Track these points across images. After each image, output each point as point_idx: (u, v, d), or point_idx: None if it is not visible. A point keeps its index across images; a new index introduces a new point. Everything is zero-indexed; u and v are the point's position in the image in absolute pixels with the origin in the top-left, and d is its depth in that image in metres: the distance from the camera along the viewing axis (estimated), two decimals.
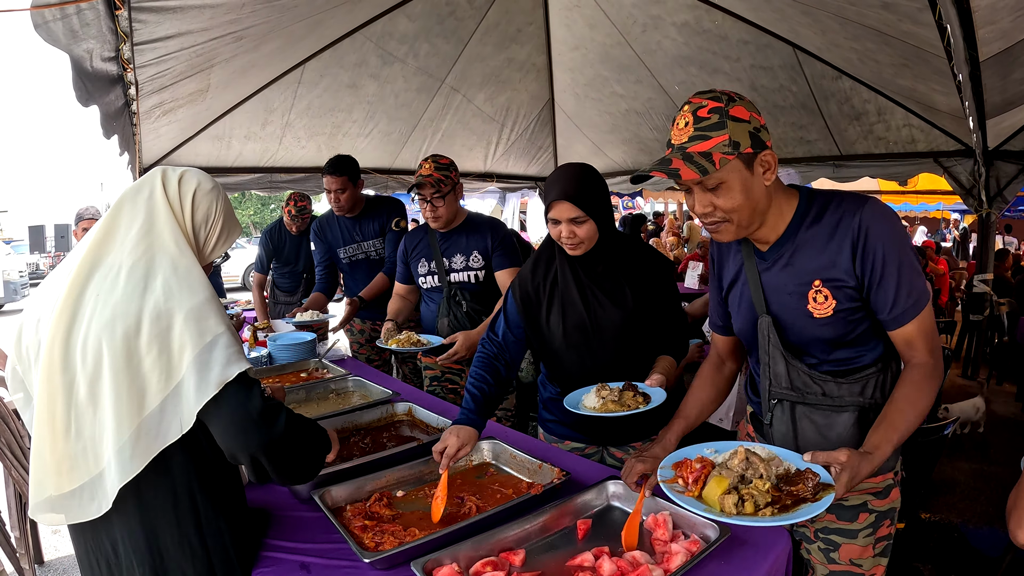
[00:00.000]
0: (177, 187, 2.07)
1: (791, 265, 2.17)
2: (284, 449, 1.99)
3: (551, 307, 3.00)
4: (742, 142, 1.95)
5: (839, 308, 2.12)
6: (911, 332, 2.08)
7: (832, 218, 2.10)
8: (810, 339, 2.22)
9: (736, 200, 2.02)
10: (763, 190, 2.05)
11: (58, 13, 2.60)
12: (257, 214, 49.41)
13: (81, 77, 3.18)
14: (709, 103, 1.98)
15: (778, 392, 2.35)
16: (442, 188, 4.05)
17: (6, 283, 19.85)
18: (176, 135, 6.01)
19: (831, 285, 2.11)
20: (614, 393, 2.67)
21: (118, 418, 1.83)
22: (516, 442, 2.96)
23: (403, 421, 3.35)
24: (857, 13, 3.92)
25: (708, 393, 2.64)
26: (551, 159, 8.99)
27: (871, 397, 2.22)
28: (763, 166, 2.03)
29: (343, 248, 5.55)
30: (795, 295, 2.18)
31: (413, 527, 2.28)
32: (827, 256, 2.10)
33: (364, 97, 6.59)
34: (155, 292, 1.87)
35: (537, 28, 6.60)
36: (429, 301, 4.45)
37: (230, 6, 3.60)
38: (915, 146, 6.17)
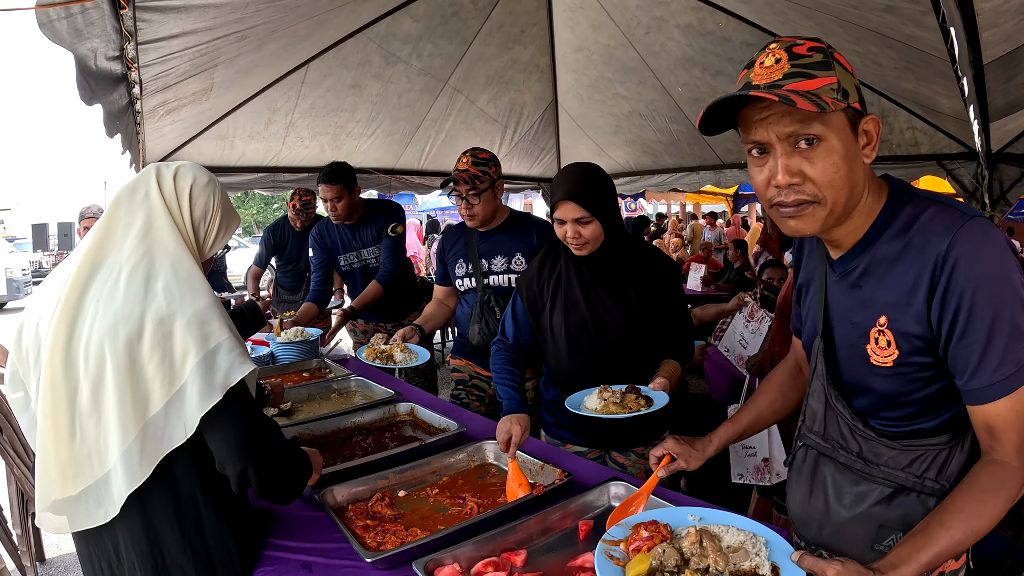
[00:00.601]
0: (173, 184, 2.05)
1: (859, 288, 1.69)
2: (273, 468, 1.98)
3: (554, 307, 3.00)
4: (851, 92, 1.51)
5: (902, 361, 1.62)
6: (996, 415, 1.52)
7: (918, 236, 1.55)
8: (863, 386, 1.75)
9: (837, 168, 1.51)
10: (862, 169, 1.58)
11: (62, 12, 2.61)
12: (260, 213, 49.45)
13: (85, 76, 3.18)
14: (807, 42, 1.53)
15: (807, 435, 1.95)
16: (478, 184, 3.81)
17: (9, 281, 19.88)
18: (179, 134, 6.02)
19: (896, 329, 1.60)
20: (616, 395, 2.65)
21: (123, 422, 1.83)
22: None
23: (405, 421, 3.35)
24: (860, 16, 3.92)
25: (771, 399, 2.27)
26: (554, 160, 9.00)
27: (919, 476, 1.69)
28: (865, 137, 1.56)
29: (343, 255, 5.47)
30: (858, 327, 1.70)
31: (415, 527, 2.28)
32: (900, 288, 1.59)
33: (367, 97, 6.59)
34: (157, 297, 1.87)
35: (541, 29, 6.60)
36: (464, 304, 4.22)
37: (234, 5, 3.61)
38: (918, 149, 6.17)
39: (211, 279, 7.49)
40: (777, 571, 1.62)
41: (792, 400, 2.26)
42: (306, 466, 2.23)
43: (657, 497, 2.28)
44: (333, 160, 7.21)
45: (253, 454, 1.91)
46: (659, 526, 1.79)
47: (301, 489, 2.19)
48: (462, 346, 4.23)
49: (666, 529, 1.79)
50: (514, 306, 3.18)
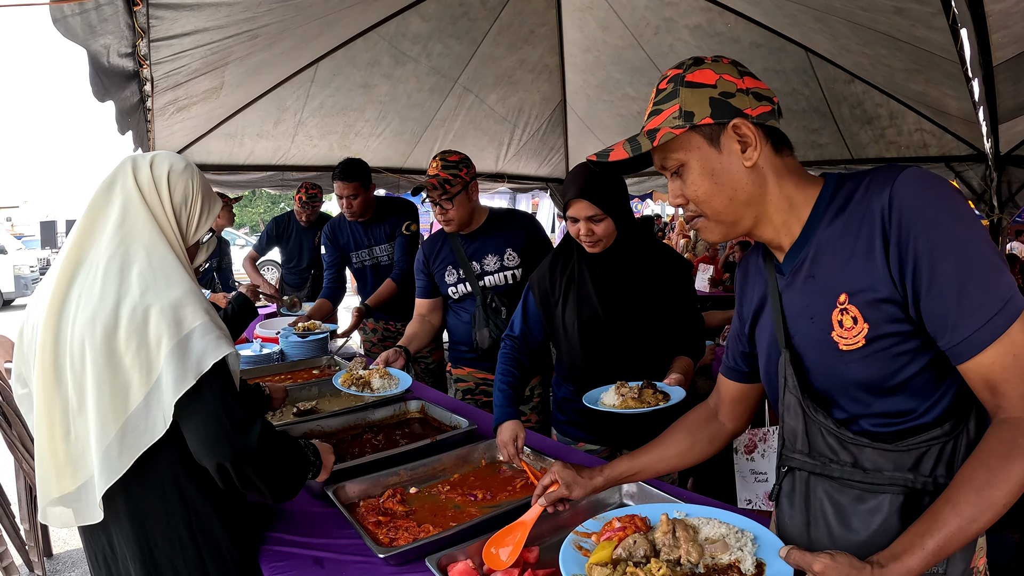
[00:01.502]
0: (150, 173, 2.05)
1: (813, 278, 1.58)
2: (253, 463, 1.94)
3: (567, 303, 3.02)
4: (697, 111, 1.54)
5: (874, 334, 1.47)
6: (991, 365, 1.36)
7: (860, 205, 1.49)
8: (839, 383, 1.59)
9: (700, 187, 1.59)
10: (742, 173, 1.56)
11: (76, 8, 2.62)
12: (267, 212, 49.46)
13: (98, 72, 3.19)
14: (671, 72, 1.62)
15: (790, 456, 1.74)
16: (448, 188, 3.69)
17: (17, 278, 19.97)
18: (189, 132, 6.02)
19: (861, 300, 1.48)
20: (633, 391, 2.68)
21: (102, 418, 1.84)
22: (530, 441, 2.97)
23: (416, 419, 3.36)
24: (869, 18, 3.91)
25: (677, 440, 2.10)
26: (562, 160, 8.98)
27: (929, 474, 1.50)
28: (738, 141, 1.55)
29: (355, 253, 5.45)
30: (818, 320, 1.58)
31: (427, 523, 2.30)
32: (854, 259, 1.48)
33: (376, 97, 6.59)
34: (131, 285, 1.88)
35: (550, 29, 6.59)
36: (460, 311, 4.06)
37: (247, 4, 3.62)
38: (927, 151, 6.15)
39: (220, 277, 7.50)
40: (762, 567, 1.58)
41: (699, 447, 2.08)
42: (300, 461, 2.19)
43: (653, 488, 2.33)
44: (337, 159, 7.26)
45: (228, 448, 1.88)
46: (635, 518, 1.80)
47: (294, 486, 2.15)
48: (462, 354, 4.15)
49: (642, 521, 1.79)
50: (525, 302, 3.19)
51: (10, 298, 20.11)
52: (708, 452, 2.09)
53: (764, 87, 1.60)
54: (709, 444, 2.08)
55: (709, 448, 2.08)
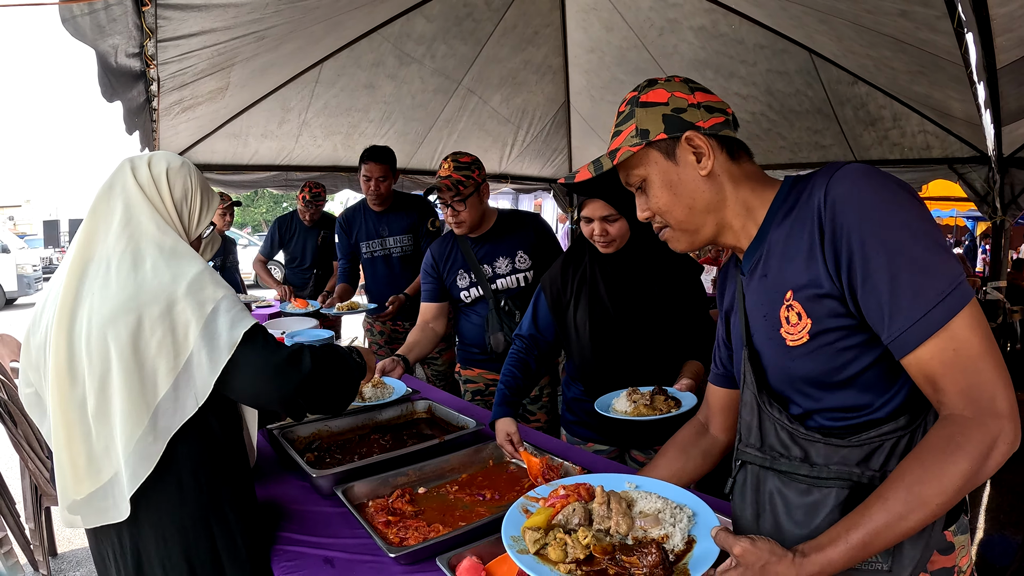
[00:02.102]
0: (148, 172, 2.08)
1: (765, 276, 1.61)
2: (316, 385, 2.04)
3: (578, 304, 3.03)
4: (652, 128, 1.62)
5: (817, 329, 1.49)
6: (930, 360, 1.34)
7: (806, 204, 1.51)
8: (789, 378, 1.61)
9: (661, 198, 1.66)
10: (698, 182, 1.62)
11: (86, 8, 2.63)
12: (270, 211, 49.46)
13: (106, 72, 3.21)
14: (629, 95, 1.72)
15: (744, 451, 1.74)
16: (462, 190, 3.62)
17: (20, 277, 19.97)
18: (194, 132, 6.05)
19: (803, 296, 1.50)
20: (645, 397, 2.68)
21: (133, 410, 1.86)
22: (537, 441, 3.00)
23: (423, 419, 3.37)
24: (874, 21, 3.93)
25: (670, 460, 2.08)
26: (566, 161, 9.00)
27: (878, 469, 1.47)
28: (692, 152, 1.61)
29: (366, 243, 5.39)
30: (770, 317, 1.61)
31: (436, 523, 2.30)
32: (797, 256, 1.51)
33: (381, 97, 6.62)
34: (147, 276, 1.91)
35: (554, 30, 6.62)
36: (471, 315, 4.01)
37: (254, 5, 3.63)
38: (930, 152, 6.17)
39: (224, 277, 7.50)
40: (692, 543, 1.60)
41: (693, 464, 2.06)
42: (350, 368, 2.27)
43: None
44: (341, 160, 7.26)
45: (289, 381, 1.97)
46: (580, 487, 1.81)
47: (351, 393, 2.26)
48: (472, 355, 4.11)
49: (587, 491, 1.80)
50: (536, 304, 3.19)
51: (13, 297, 20.10)
52: (703, 468, 2.07)
53: (716, 100, 1.67)
54: (704, 460, 2.07)
55: (704, 464, 2.07)
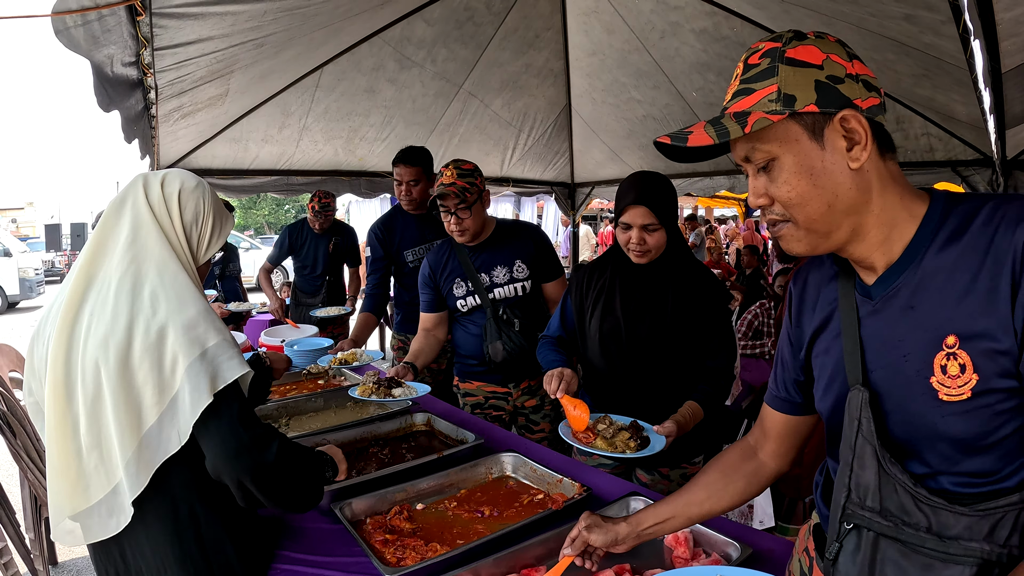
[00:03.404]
0: (160, 192, 2.05)
1: (913, 309, 1.35)
2: (273, 477, 1.94)
3: (593, 312, 3.02)
4: (800, 96, 1.31)
5: (983, 388, 1.26)
6: None
7: (982, 235, 1.27)
8: (929, 435, 1.36)
9: (795, 187, 1.35)
10: (846, 176, 1.33)
11: (79, 19, 2.61)
12: (272, 214, 49.59)
13: (102, 82, 3.18)
14: (766, 45, 1.38)
15: (858, 513, 1.46)
16: (467, 197, 3.58)
17: (22, 280, 20.00)
18: (194, 137, 6.03)
19: (975, 348, 1.26)
20: (611, 429, 2.60)
21: (121, 435, 1.84)
22: (538, 456, 2.96)
23: (422, 431, 3.34)
24: (878, 25, 3.90)
25: (709, 481, 1.89)
26: (567, 164, 9.00)
27: (1003, 544, 1.30)
28: (845, 136, 1.32)
29: (410, 251, 5.01)
30: (914, 359, 1.34)
31: (434, 542, 2.27)
32: (970, 298, 1.27)
33: (381, 102, 6.60)
34: (143, 305, 1.88)
35: (555, 33, 6.60)
36: (468, 325, 3.94)
37: (251, 13, 3.60)
38: (933, 155, 6.14)
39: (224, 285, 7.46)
40: None
41: (735, 488, 1.86)
42: (317, 470, 2.22)
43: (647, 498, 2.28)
44: (342, 164, 7.22)
45: (247, 464, 1.89)
46: None
47: (315, 495, 2.17)
48: (470, 367, 4.03)
49: None
50: (564, 305, 3.20)
51: (15, 300, 20.16)
52: (746, 494, 1.86)
53: (872, 76, 1.37)
54: (747, 485, 1.85)
55: (747, 489, 1.85)
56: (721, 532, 2.17)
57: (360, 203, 15.81)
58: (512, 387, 3.92)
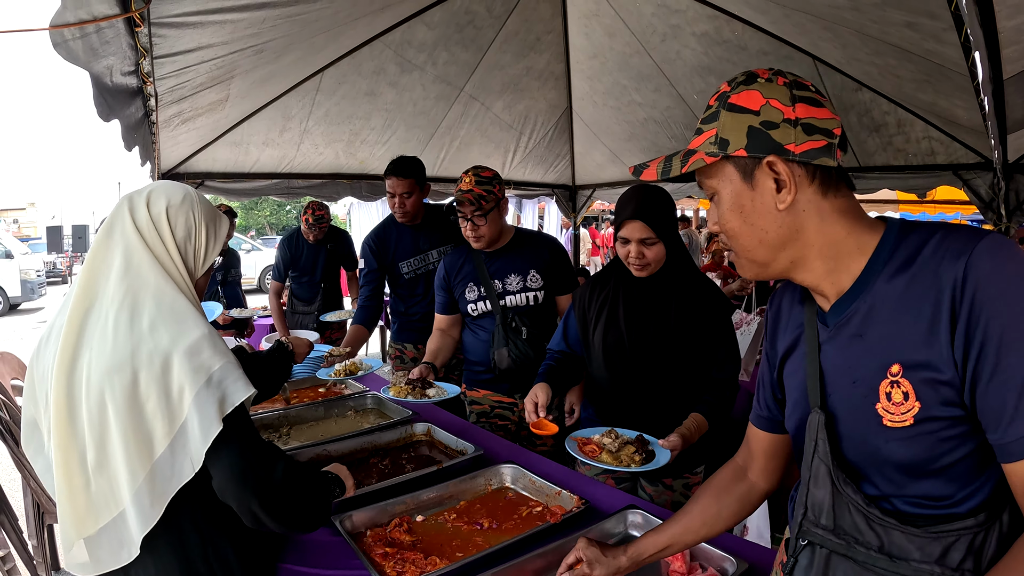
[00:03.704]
0: (147, 213, 2.01)
1: (861, 337, 1.40)
2: (280, 499, 1.94)
3: (598, 324, 3.02)
4: (732, 140, 1.41)
5: (924, 415, 1.30)
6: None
7: (928, 266, 1.31)
8: (875, 459, 1.41)
9: (728, 220, 1.47)
10: (775, 215, 1.41)
11: (77, 32, 2.59)
12: (273, 215, 49.60)
13: (102, 92, 3.17)
14: (722, 87, 1.50)
15: (812, 530, 1.54)
16: (483, 205, 3.63)
17: (24, 282, 20.03)
18: (195, 141, 6.02)
19: (917, 377, 1.30)
20: (617, 443, 2.62)
21: (130, 466, 1.83)
22: (537, 467, 2.96)
23: (422, 441, 3.35)
24: (880, 31, 3.89)
25: (704, 506, 1.91)
26: (568, 167, 8.99)
27: (956, 567, 1.32)
28: (775, 179, 1.39)
29: (405, 262, 4.95)
30: (862, 385, 1.39)
31: (433, 555, 2.29)
32: (915, 327, 1.31)
33: (382, 105, 6.58)
34: (144, 335, 1.86)
35: (556, 37, 6.58)
36: (478, 330, 3.99)
37: (251, 21, 3.60)
38: (934, 158, 6.11)
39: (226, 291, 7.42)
40: None
41: (728, 511, 1.88)
42: (323, 490, 2.20)
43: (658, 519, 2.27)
44: (343, 167, 7.20)
45: (254, 486, 1.89)
46: None
47: (323, 515, 2.16)
48: (477, 374, 4.06)
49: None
50: (567, 319, 3.21)
51: (16, 302, 20.20)
52: (740, 515, 1.89)
53: (823, 116, 1.39)
54: (740, 507, 1.88)
55: (741, 511, 1.88)
56: (718, 547, 2.18)
57: (361, 205, 15.81)
58: (518, 397, 3.93)
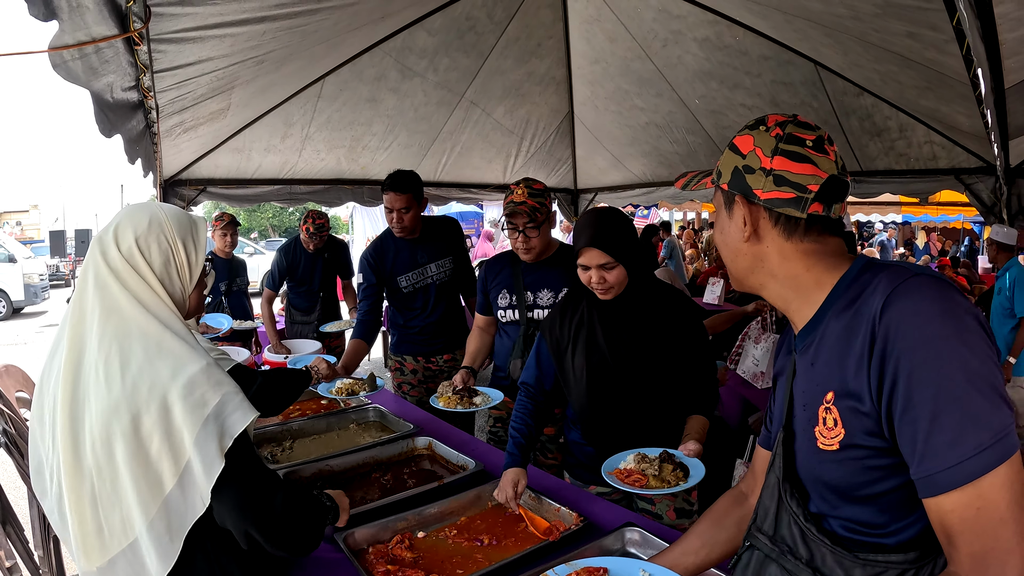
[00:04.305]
0: (117, 252, 1.97)
1: (813, 366, 1.49)
2: (278, 527, 1.95)
3: (575, 349, 2.97)
4: (723, 174, 1.56)
5: (848, 442, 1.37)
6: (950, 512, 1.23)
7: (866, 303, 1.37)
8: (813, 477, 1.51)
9: (716, 236, 1.68)
10: (741, 243, 1.55)
11: (76, 53, 2.59)
12: (276, 217, 49.61)
13: (103, 109, 3.17)
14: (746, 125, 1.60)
15: (754, 534, 1.66)
16: (537, 217, 3.60)
17: (27, 286, 20.06)
18: (197, 148, 6.04)
19: (843, 404, 1.38)
20: (653, 465, 2.56)
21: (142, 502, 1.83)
22: (538, 482, 2.96)
23: (423, 455, 3.35)
24: (881, 39, 3.90)
25: (704, 535, 1.93)
26: (570, 171, 9.01)
27: None
28: (742, 215, 1.53)
29: (405, 275, 4.83)
30: (809, 409, 1.49)
31: (434, 572, 2.30)
32: (846, 360, 1.38)
33: (383, 111, 6.60)
34: (136, 379, 1.84)
35: (557, 42, 6.59)
36: (504, 336, 4.05)
37: (251, 34, 3.60)
38: (936, 163, 6.12)
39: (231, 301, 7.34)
40: None
41: (727, 535, 1.90)
42: (319, 517, 2.20)
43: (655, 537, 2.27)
44: (345, 173, 7.19)
45: (253, 517, 1.89)
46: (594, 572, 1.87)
47: (316, 540, 2.16)
48: (499, 379, 4.06)
49: None
50: (539, 349, 3.15)
51: (20, 306, 20.23)
52: (739, 539, 1.83)
53: (801, 171, 1.46)
54: (738, 530, 1.85)
55: (739, 535, 1.83)
56: None
57: (364, 210, 15.85)
58: None
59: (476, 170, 8.29)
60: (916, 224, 23.42)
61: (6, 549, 3.94)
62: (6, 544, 3.94)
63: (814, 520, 1.50)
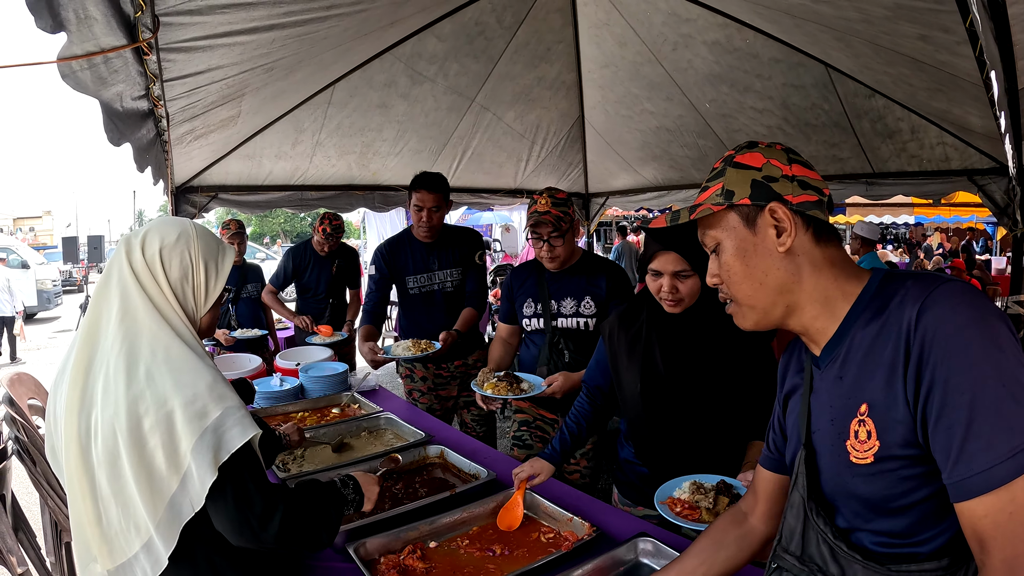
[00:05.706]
0: (142, 256, 2.00)
1: (841, 379, 1.49)
2: (277, 545, 1.95)
3: (631, 359, 2.89)
4: (737, 191, 1.53)
5: (884, 454, 1.37)
6: (983, 517, 1.23)
7: (895, 313, 1.38)
8: (844, 492, 1.50)
9: (732, 267, 1.56)
10: (774, 258, 1.51)
11: (85, 64, 2.58)
12: (287, 222, 49.78)
13: (112, 118, 3.16)
14: (726, 153, 1.62)
15: (781, 555, 1.66)
16: (561, 226, 3.65)
17: (40, 292, 20.17)
18: (208, 156, 6.05)
19: (878, 415, 1.38)
20: (708, 497, 2.48)
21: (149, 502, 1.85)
22: (551, 492, 2.94)
23: (435, 464, 3.34)
24: (892, 42, 3.87)
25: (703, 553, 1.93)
26: (581, 175, 8.99)
27: None
28: (775, 225, 1.51)
29: (412, 277, 4.90)
30: (837, 423, 1.49)
31: None
32: (880, 371, 1.38)
33: (394, 116, 6.60)
34: (141, 386, 1.86)
35: (567, 46, 6.57)
36: (530, 344, 4.07)
37: (260, 42, 3.60)
38: (949, 164, 6.08)
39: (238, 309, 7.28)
40: None
41: (727, 553, 1.90)
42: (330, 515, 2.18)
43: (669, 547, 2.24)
44: (356, 178, 7.18)
45: (250, 537, 1.91)
46: None
47: (329, 539, 2.16)
48: None
49: None
50: (599, 352, 3.15)
51: (32, 312, 20.31)
52: (737, 559, 1.91)
53: (814, 177, 1.55)
54: (738, 550, 1.90)
55: (739, 554, 1.90)
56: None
57: (375, 216, 15.89)
58: (559, 416, 3.93)
59: (486, 175, 8.27)
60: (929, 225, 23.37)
61: (19, 555, 3.95)
62: (18, 551, 3.95)
63: (843, 536, 1.51)
